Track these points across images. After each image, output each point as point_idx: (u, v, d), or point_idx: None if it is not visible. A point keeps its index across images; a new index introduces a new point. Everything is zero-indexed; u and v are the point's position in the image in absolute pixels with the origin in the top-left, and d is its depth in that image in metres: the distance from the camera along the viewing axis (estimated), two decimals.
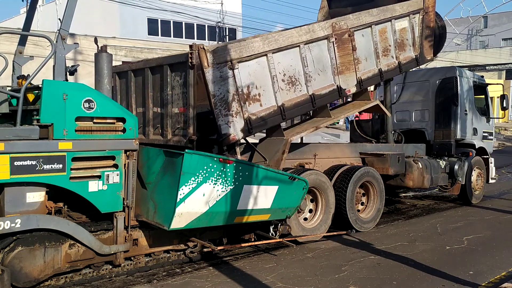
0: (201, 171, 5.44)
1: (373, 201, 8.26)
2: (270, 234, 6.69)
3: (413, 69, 9.98)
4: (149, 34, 28.19)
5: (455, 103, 10.07)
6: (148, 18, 28.34)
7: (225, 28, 30.26)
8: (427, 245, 7.14)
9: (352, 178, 7.71)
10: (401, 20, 8.59)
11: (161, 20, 29.08)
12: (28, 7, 6.33)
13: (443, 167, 9.80)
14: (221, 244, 6.58)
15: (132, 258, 5.89)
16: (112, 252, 5.57)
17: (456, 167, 9.94)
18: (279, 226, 6.68)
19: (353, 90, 7.81)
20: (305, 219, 7.38)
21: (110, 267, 5.72)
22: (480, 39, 49.18)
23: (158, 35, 28.63)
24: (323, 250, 6.85)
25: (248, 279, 5.64)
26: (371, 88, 9.30)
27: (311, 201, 7.47)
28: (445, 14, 34.85)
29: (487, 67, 32.14)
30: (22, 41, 6.39)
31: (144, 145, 6.04)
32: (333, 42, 7.31)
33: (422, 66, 10.46)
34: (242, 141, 6.75)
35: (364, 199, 8.32)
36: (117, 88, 7.29)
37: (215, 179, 5.58)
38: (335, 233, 7.57)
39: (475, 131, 10.76)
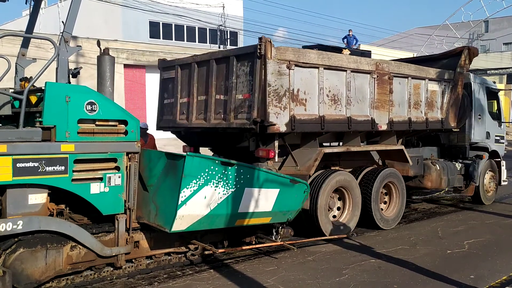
0: (202, 174, 5.45)
1: (395, 200, 8.69)
2: (272, 237, 6.70)
3: None
4: (150, 37, 28.20)
5: (470, 108, 10.38)
6: (149, 21, 28.37)
7: (227, 31, 30.31)
8: (428, 249, 7.14)
9: (377, 178, 8.16)
10: (433, 83, 9.30)
11: (162, 23, 29.12)
12: (31, 9, 6.34)
13: (458, 169, 10.26)
14: (222, 246, 6.59)
15: (133, 260, 5.90)
16: (114, 254, 5.58)
17: (471, 169, 10.32)
18: (280, 229, 6.68)
19: (384, 127, 8.25)
20: (334, 216, 7.81)
21: (112, 269, 5.73)
22: (481, 44, 49.22)
23: (159, 38, 28.66)
24: (324, 253, 6.85)
25: (249, 282, 5.64)
26: None
27: (339, 199, 7.88)
28: (446, 19, 34.95)
29: (488, 72, 32.14)
30: (25, 44, 6.42)
31: (205, 129, 7.08)
32: (374, 78, 7.97)
33: None
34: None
35: (386, 199, 8.73)
36: (178, 79, 7.99)
37: (217, 181, 5.59)
38: (335, 236, 7.57)
39: (488, 134, 11.07)
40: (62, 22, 5.23)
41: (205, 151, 8.40)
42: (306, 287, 5.48)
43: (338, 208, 7.89)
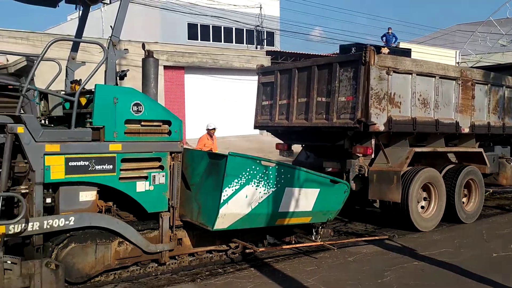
0: (244, 173, 5.54)
1: (475, 196, 9.25)
2: (312, 237, 6.71)
3: None
4: (188, 38, 28.68)
5: None
6: (188, 23, 28.86)
7: (263, 31, 30.41)
8: (473, 252, 6.96)
9: (460, 174, 8.74)
10: (510, 90, 10.00)
11: (200, 24, 29.56)
12: (80, 14, 6.62)
13: None
14: (262, 245, 6.66)
15: (176, 257, 6.05)
16: (158, 250, 5.75)
17: None
18: (320, 229, 6.69)
19: (467, 130, 8.92)
20: (422, 207, 8.39)
21: (156, 265, 5.90)
22: None
23: (197, 40, 29.10)
24: (364, 254, 6.80)
25: (290, 281, 5.68)
26: None
27: (425, 194, 8.44)
28: (490, 15, 33.74)
29: None
30: (75, 48, 6.70)
31: (306, 128, 8.03)
32: (459, 84, 8.69)
33: None
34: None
35: (466, 195, 9.25)
36: (277, 83, 8.88)
37: (258, 181, 5.67)
38: (376, 237, 7.51)
39: None
40: (110, 26, 5.43)
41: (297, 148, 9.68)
42: (348, 287, 5.47)
43: (425, 200, 8.48)
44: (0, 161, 4.77)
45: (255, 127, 9.59)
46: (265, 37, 30.60)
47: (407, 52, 12.56)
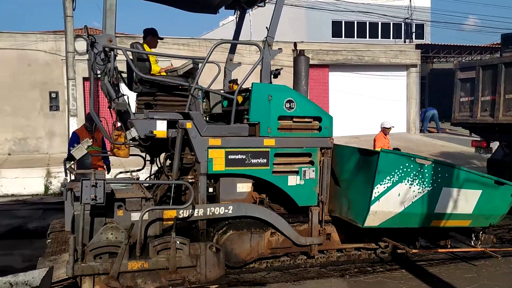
0: (397, 171, 5.36)
1: None
2: (471, 243, 6.21)
3: None
4: (332, 36, 28.62)
5: None
6: (332, 21, 28.81)
7: (412, 24, 28.84)
8: None
9: None
10: None
11: (345, 21, 29.26)
12: (237, 19, 7.10)
13: None
14: (414, 247, 6.36)
15: (324, 251, 6.13)
16: (308, 243, 5.89)
17: None
18: (481, 235, 6.15)
19: None
20: None
21: (305, 257, 6.05)
22: None
23: (341, 37, 28.86)
24: None
25: (446, 287, 5.34)
26: None
27: None
28: None
29: None
30: (232, 50, 7.22)
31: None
32: None
33: None
34: None
35: None
36: (479, 79, 8.87)
37: (412, 179, 5.43)
38: None
39: None
40: (266, 28, 5.72)
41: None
42: None
43: None
44: (173, 153, 5.39)
45: (453, 124, 9.59)
46: (414, 30, 28.99)
47: None
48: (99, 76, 5.25)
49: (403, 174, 5.39)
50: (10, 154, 15.27)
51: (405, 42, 27.13)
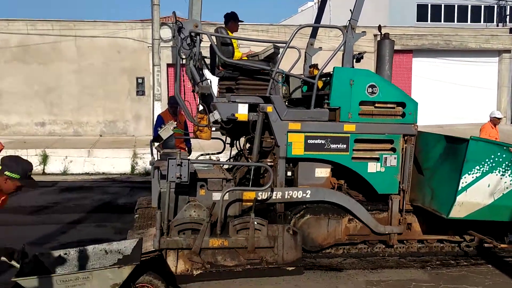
0: (487, 160, 5.05)
1: None
2: None
3: None
4: (417, 20, 27.26)
5: None
6: (417, 4, 27.45)
7: (507, 7, 26.65)
8: None
9: None
10: None
11: (431, 4, 27.75)
12: (319, 3, 7.01)
13: None
14: (502, 242, 5.97)
15: (404, 241, 5.96)
16: (387, 232, 5.75)
17: None
18: None
19: None
20: None
21: (383, 246, 5.92)
22: None
23: (427, 21, 27.42)
24: None
25: None
26: None
27: None
28: None
29: None
30: (313, 34, 7.15)
31: None
32: None
33: None
34: None
35: None
36: None
37: (503, 169, 5.09)
38: None
39: None
40: (350, 10, 5.60)
41: None
42: None
43: None
44: (253, 136, 5.49)
45: None
46: (508, 13, 26.80)
47: None
48: (184, 60, 5.46)
49: (494, 164, 5.06)
50: (101, 136, 16.43)
51: (497, 25, 25.16)
